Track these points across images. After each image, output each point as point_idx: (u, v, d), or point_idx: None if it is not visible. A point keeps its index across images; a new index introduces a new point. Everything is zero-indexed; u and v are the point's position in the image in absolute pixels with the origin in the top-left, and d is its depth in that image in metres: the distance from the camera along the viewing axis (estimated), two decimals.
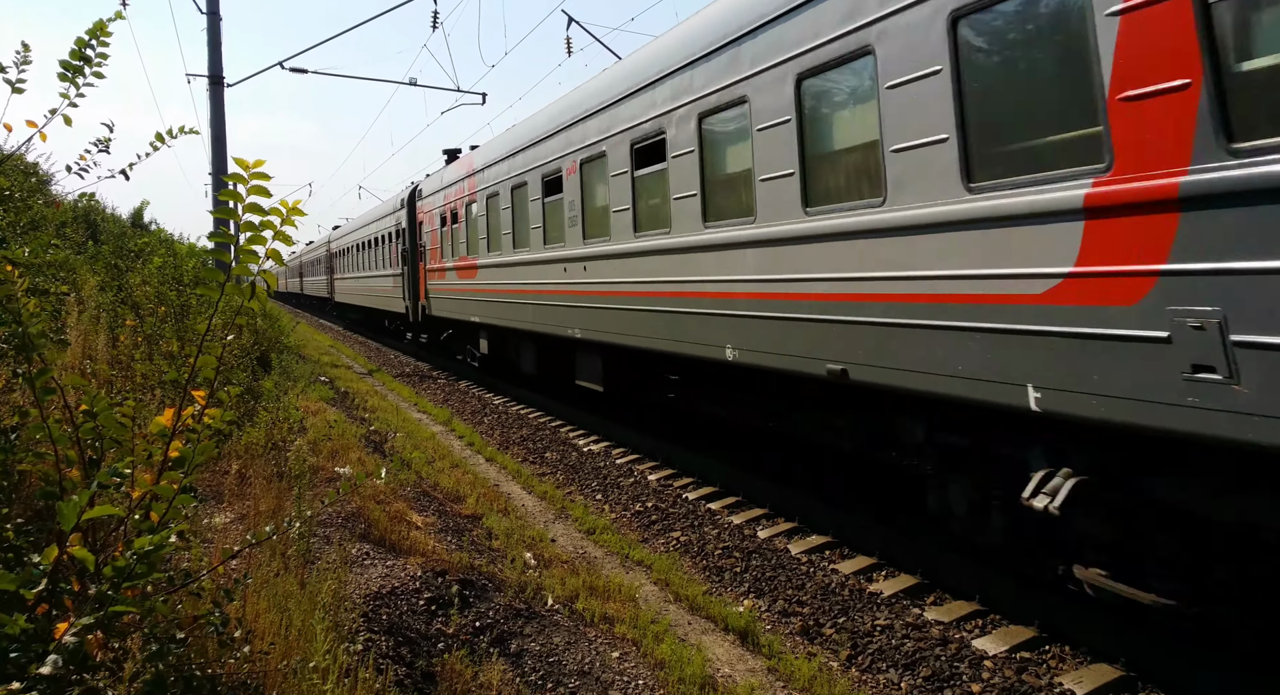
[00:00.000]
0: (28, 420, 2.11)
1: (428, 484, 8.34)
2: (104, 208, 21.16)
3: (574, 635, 5.19)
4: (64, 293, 5.74)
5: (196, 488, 2.92)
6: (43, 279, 4.92)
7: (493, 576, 5.75)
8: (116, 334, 7.83)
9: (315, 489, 6.91)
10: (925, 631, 5.35)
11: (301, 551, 4.48)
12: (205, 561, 3.25)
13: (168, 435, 2.47)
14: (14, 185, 8.09)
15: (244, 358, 10.76)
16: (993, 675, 4.76)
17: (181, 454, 2.45)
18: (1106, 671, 4.63)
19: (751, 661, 5.11)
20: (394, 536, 5.95)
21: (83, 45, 3.29)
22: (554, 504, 8.35)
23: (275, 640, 3.40)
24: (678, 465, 9.60)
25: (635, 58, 9.93)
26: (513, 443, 11.85)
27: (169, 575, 2.61)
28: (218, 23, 19.67)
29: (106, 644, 1.81)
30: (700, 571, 6.75)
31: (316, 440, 8.30)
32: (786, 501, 7.73)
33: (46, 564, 1.67)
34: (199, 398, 2.60)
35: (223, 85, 19.85)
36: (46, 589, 1.67)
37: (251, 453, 6.74)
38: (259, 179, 2.54)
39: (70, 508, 1.65)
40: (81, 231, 14.46)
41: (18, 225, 7.57)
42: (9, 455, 2.05)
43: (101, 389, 6.24)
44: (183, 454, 2.45)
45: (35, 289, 4.33)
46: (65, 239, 11.54)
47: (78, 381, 2.27)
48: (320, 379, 15.01)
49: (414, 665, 4.33)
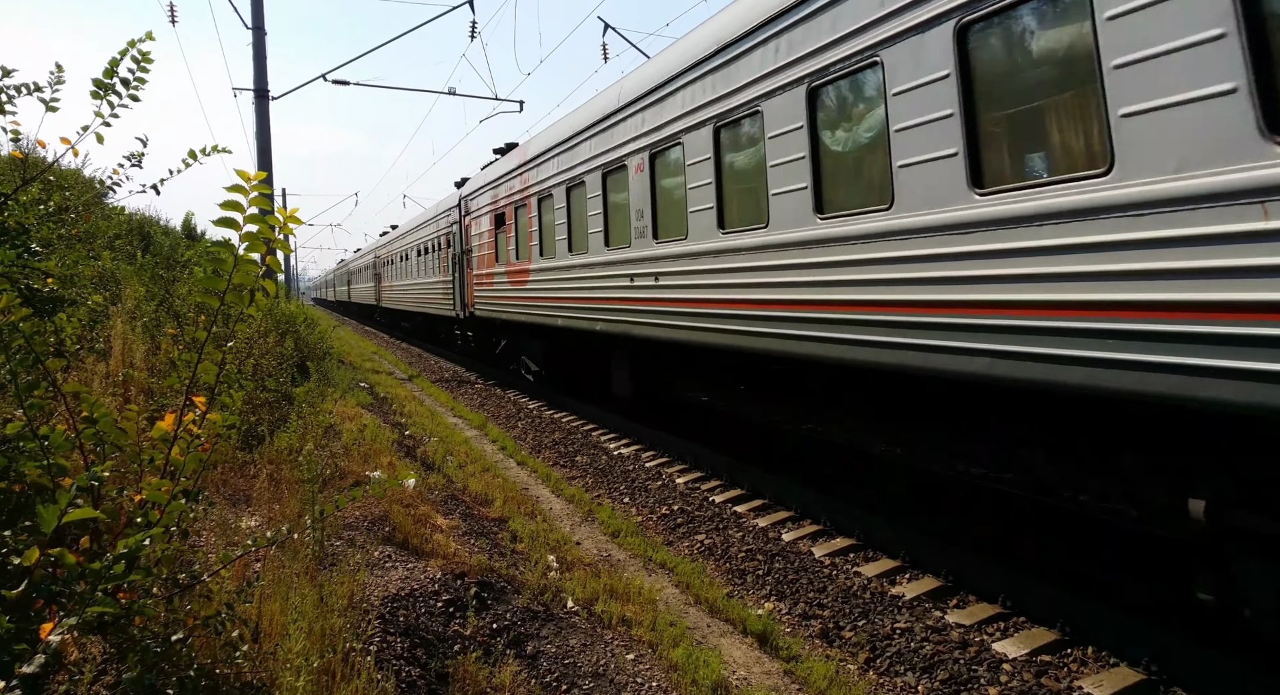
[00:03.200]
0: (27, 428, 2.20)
1: (457, 487, 8.45)
2: (157, 220, 21.78)
3: (591, 637, 5.22)
4: (98, 303, 5.93)
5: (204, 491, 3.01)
6: (74, 290, 5.10)
7: (512, 579, 5.81)
8: (159, 342, 8.08)
9: (343, 493, 7.06)
10: (945, 634, 5.29)
11: (316, 554, 4.58)
12: (217, 562, 3.34)
13: (169, 440, 2.56)
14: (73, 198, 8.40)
15: (283, 364, 11.00)
16: (1011, 679, 4.69)
17: (191, 457, 2.55)
18: (1128, 675, 4.53)
19: (769, 664, 5.09)
20: (417, 540, 6.04)
21: (115, 64, 3.43)
22: (581, 507, 8.40)
23: (298, 647, 3.48)
24: (706, 468, 9.59)
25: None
26: (545, 446, 11.95)
27: (175, 577, 2.71)
28: (263, 37, 20.18)
29: (82, 644, 1.88)
30: (723, 574, 6.74)
31: (349, 444, 8.46)
32: (813, 504, 7.68)
33: (28, 564, 1.74)
34: (199, 403, 2.69)
35: (268, 98, 20.36)
36: (27, 590, 1.74)
37: (283, 457, 6.91)
38: (260, 190, 2.63)
39: (50, 511, 1.73)
40: (135, 242, 14.93)
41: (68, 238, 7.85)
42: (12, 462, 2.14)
43: (140, 395, 6.47)
44: (190, 457, 2.54)
45: (63, 299, 4.50)
46: (117, 251, 11.93)
47: (79, 388, 2.36)
48: (360, 385, 15.28)
49: (428, 666, 4.40)
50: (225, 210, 2.61)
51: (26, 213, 4.43)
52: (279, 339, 12.47)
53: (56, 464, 2.03)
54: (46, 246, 5.05)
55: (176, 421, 2.61)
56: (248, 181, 2.61)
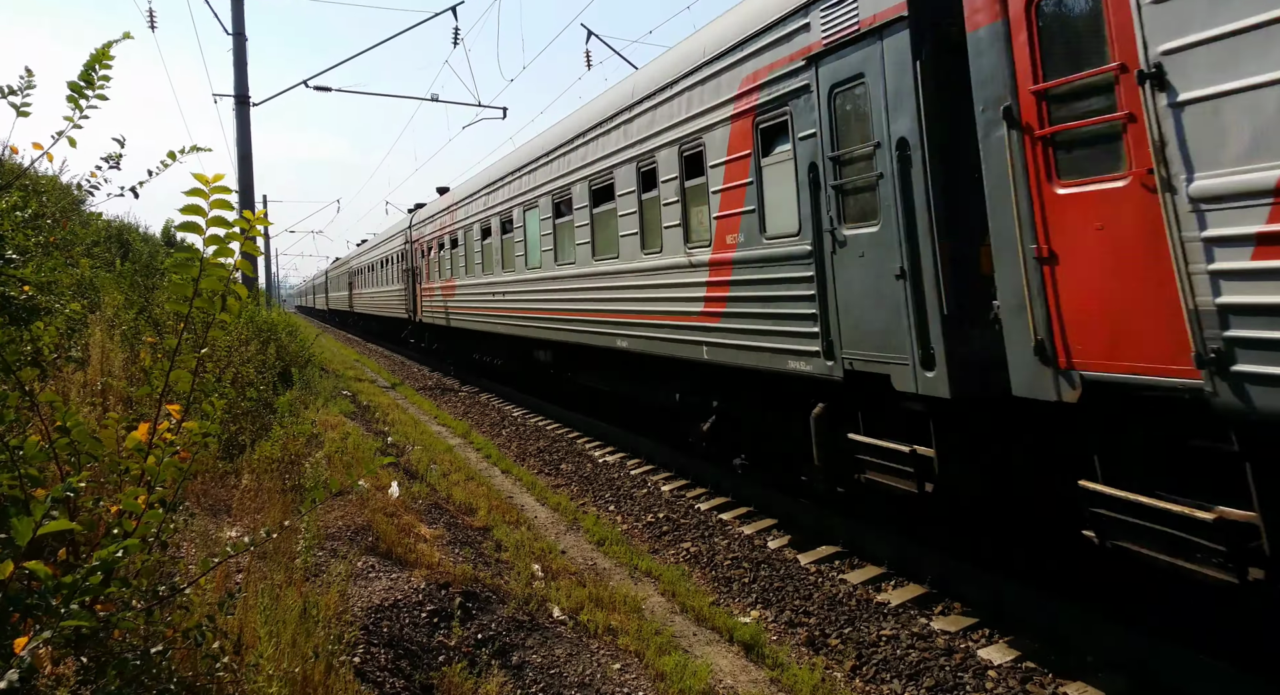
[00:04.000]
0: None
1: (441, 496, 8.39)
2: (136, 226, 21.56)
3: (577, 647, 5.19)
4: (76, 311, 5.84)
5: (184, 501, 2.95)
6: (51, 298, 5.02)
7: (497, 588, 5.76)
8: (137, 350, 7.97)
9: (324, 502, 6.99)
10: (931, 641, 5.29)
11: (304, 565, 4.52)
12: (197, 572, 3.29)
13: (144, 450, 2.51)
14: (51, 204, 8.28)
15: (264, 373, 10.90)
16: (996, 685, 4.69)
17: (164, 466, 2.50)
18: (1113, 681, 4.54)
19: (755, 672, 5.07)
20: (400, 549, 5.98)
21: (90, 68, 3.38)
22: (566, 515, 8.36)
23: (269, 653, 3.43)
24: (691, 476, 9.57)
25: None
26: (529, 454, 11.89)
27: (155, 588, 2.65)
28: (243, 43, 20.04)
29: (56, 658, 1.84)
30: (709, 582, 6.72)
31: (331, 454, 8.38)
32: (800, 512, 7.68)
33: (2, 578, 1.70)
34: (174, 412, 2.64)
35: (248, 104, 20.22)
36: (1, 604, 1.70)
37: (264, 467, 6.83)
38: (220, 193, 2.58)
39: (24, 524, 1.69)
40: (114, 250, 14.77)
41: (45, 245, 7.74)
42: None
43: (119, 404, 6.38)
44: (164, 466, 2.50)
45: (39, 307, 4.43)
46: (95, 258, 11.79)
47: (52, 398, 2.32)
48: (343, 393, 15.17)
49: (412, 678, 4.35)
50: (186, 214, 2.56)
51: (2, 220, 4.35)
52: (260, 347, 12.36)
53: (29, 475, 1.99)
54: (23, 254, 4.97)
55: (151, 430, 2.57)
56: (206, 184, 2.56)
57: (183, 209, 2.34)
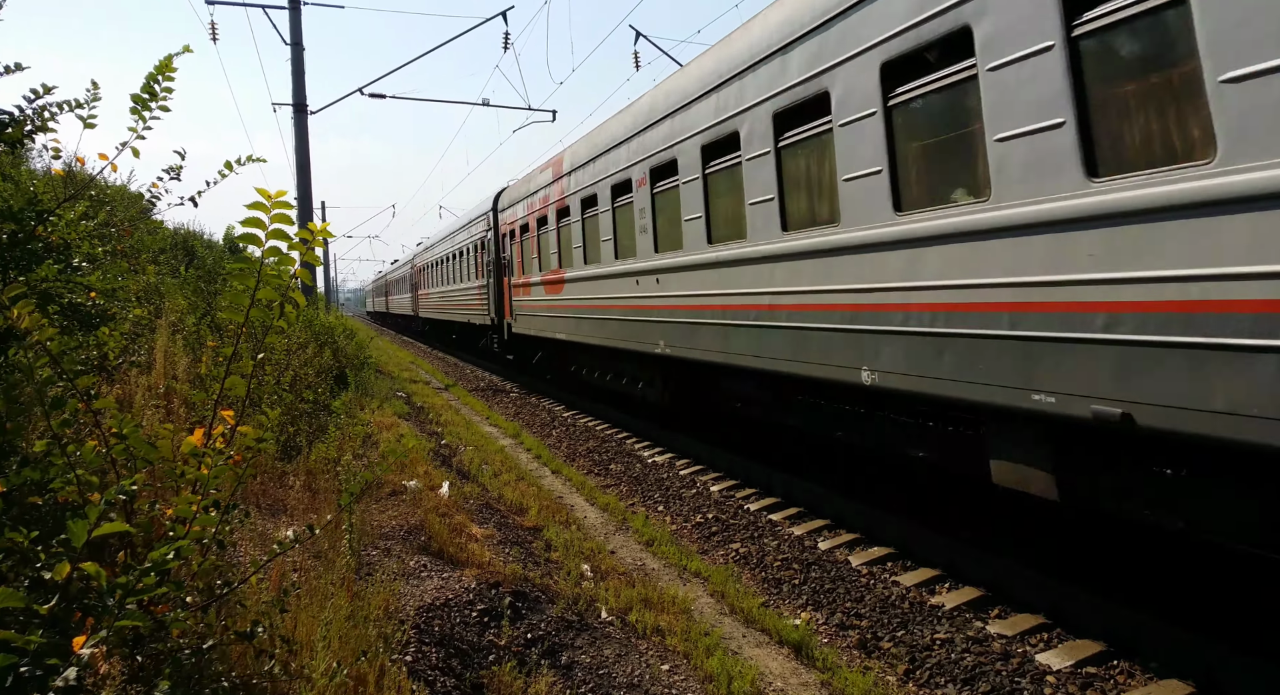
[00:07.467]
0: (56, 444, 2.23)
1: (492, 496, 8.48)
2: (200, 234, 22.21)
3: (625, 647, 5.19)
4: (140, 316, 6.04)
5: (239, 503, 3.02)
6: (117, 305, 5.20)
7: (547, 588, 5.80)
8: (199, 355, 8.22)
9: (379, 502, 7.12)
10: (987, 645, 5.17)
11: (351, 564, 4.60)
12: (248, 569, 3.37)
13: (199, 455, 2.58)
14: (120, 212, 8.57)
15: (321, 375, 11.15)
16: (1055, 690, 4.57)
17: (216, 472, 2.57)
18: (1177, 688, 4.39)
19: (805, 675, 5.02)
20: (452, 549, 6.06)
21: (152, 80, 3.50)
22: (615, 516, 8.38)
23: (322, 652, 3.50)
24: (740, 476, 9.52)
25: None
26: (579, 455, 11.95)
27: (211, 588, 2.73)
28: (301, 53, 20.52)
29: (109, 657, 1.90)
30: (758, 583, 6.67)
31: (386, 454, 8.53)
32: (850, 513, 7.58)
33: (59, 578, 1.76)
34: (228, 417, 2.71)
35: (306, 113, 20.69)
36: (61, 604, 1.77)
37: (320, 467, 6.99)
38: (280, 207, 2.65)
39: (79, 526, 1.75)
40: (179, 256, 15.26)
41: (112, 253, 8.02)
42: (44, 476, 2.17)
43: (183, 406, 6.58)
44: (216, 472, 2.56)
45: (104, 314, 4.59)
46: (161, 265, 12.19)
47: (109, 404, 2.40)
48: (397, 394, 15.44)
49: (463, 677, 4.40)
50: (246, 226, 2.64)
51: (69, 229, 4.52)
52: (318, 350, 12.66)
53: (86, 479, 2.06)
54: (92, 262, 5.15)
55: (206, 435, 2.64)
56: (268, 198, 2.63)
57: (244, 222, 2.41)
